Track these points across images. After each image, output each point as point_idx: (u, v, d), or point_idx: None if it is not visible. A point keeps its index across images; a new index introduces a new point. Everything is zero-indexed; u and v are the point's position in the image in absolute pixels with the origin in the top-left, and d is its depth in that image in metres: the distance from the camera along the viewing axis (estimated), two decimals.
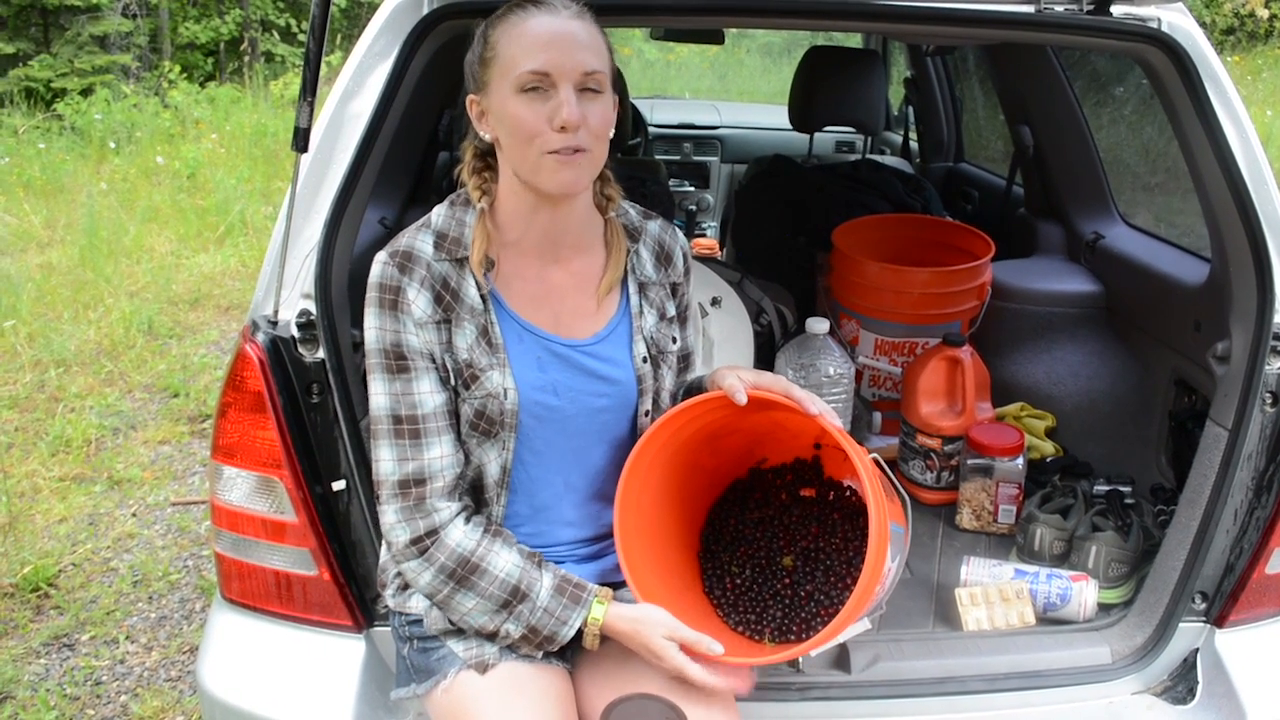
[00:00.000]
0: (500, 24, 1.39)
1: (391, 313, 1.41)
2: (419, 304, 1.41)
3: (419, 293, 1.41)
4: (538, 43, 1.35)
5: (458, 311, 1.43)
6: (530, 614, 1.41)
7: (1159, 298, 2.33)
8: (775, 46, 11.95)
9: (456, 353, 1.43)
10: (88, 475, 3.76)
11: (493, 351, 1.44)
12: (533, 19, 1.36)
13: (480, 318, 1.44)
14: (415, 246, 1.43)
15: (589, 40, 1.38)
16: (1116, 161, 2.93)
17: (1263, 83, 10.44)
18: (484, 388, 1.43)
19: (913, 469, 2.40)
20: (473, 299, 1.44)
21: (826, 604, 1.59)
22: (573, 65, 1.35)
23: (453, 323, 1.43)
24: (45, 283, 5.61)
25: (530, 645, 1.44)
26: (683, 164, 4.71)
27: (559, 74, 1.34)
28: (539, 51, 1.34)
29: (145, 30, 11.52)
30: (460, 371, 1.44)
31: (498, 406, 1.44)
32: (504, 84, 1.37)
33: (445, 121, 3.08)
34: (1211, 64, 1.74)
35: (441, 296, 1.43)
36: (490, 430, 1.45)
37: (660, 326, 1.57)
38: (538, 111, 1.35)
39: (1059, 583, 1.88)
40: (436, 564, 1.42)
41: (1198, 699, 1.73)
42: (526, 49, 1.35)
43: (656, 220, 1.62)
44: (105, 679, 2.71)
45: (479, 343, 1.44)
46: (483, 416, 1.44)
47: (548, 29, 1.35)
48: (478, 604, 1.42)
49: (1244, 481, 1.73)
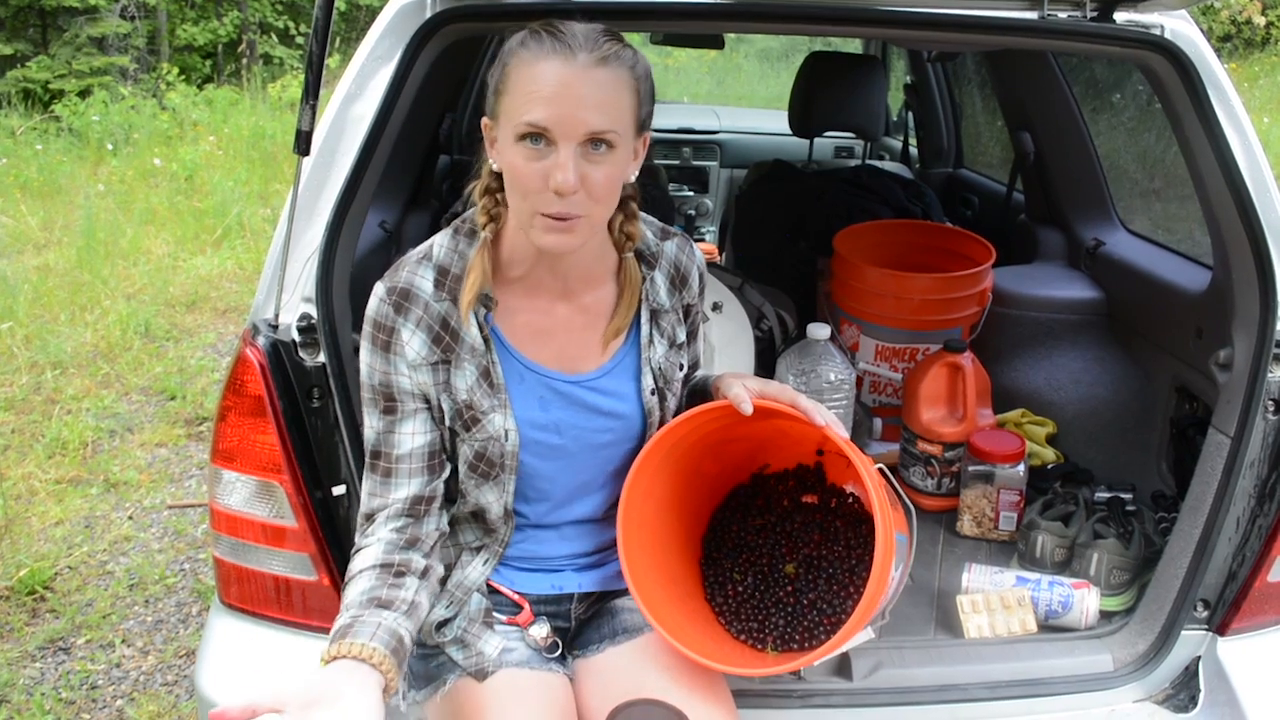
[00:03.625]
0: (515, 54, 1.27)
1: (384, 353, 1.37)
2: (413, 346, 1.37)
3: (414, 334, 1.36)
4: (541, 93, 1.22)
5: (457, 352, 1.38)
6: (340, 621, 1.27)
7: (1160, 304, 2.33)
8: (773, 51, 11.97)
9: (455, 394, 1.39)
10: (84, 478, 3.75)
11: (494, 393, 1.40)
12: (544, 62, 1.24)
13: (482, 359, 1.39)
14: (415, 284, 1.37)
15: (602, 95, 1.24)
16: (1116, 168, 2.93)
17: (1260, 89, 10.47)
18: (485, 430, 1.40)
19: (913, 475, 2.39)
20: (474, 339, 1.38)
21: (829, 612, 1.58)
22: (575, 125, 1.22)
23: (452, 364, 1.38)
24: (42, 284, 5.59)
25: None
26: (682, 169, 4.71)
27: (559, 132, 1.22)
28: (541, 104, 1.22)
29: (143, 32, 11.51)
30: (460, 413, 1.40)
31: (498, 449, 1.41)
32: (509, 125, 1.26)
33: (446, 125, 3.08)
34: (1215, 71, 1.74)
35: (440, 337, 1.37)
36: (490, 472, 1.43)
37: (669, 355, 1.51)
38: (534, 168, 1.24)
39: (1060, 590, 1.87)
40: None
41: (1200, 707, 1.73)
42: (530, 97, 1.23)
43: (674, 239, 1.52)
44: (101, 683, 2.69)
45: (480, 384, 1.39)
46: (483, 459, 1.41)
47: (555, 79, 1.23)
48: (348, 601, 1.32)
49: (1246, 489, 1.73)
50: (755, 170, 3.51)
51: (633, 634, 1.53)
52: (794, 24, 1.79)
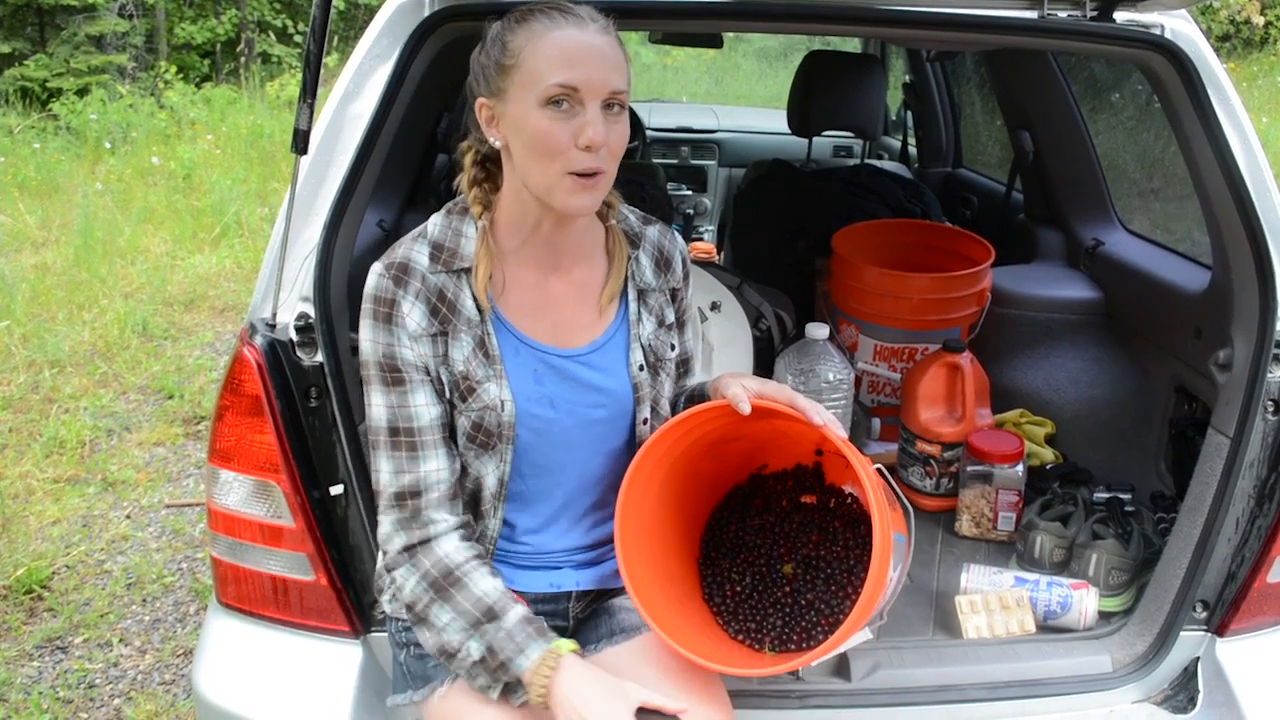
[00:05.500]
0: (522, 29, 1.34)
1: (386, 326, 1.40)
2: (413, 317, 1.40)
3: (414, 305, 1.40)
4: (567, 56, 1.31)
5: (454, 324, 1.42)
6: (494, 634, 1.36)
7: (1159, 304, 2.33)
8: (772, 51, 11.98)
9: (453, 365, 1.42)
10: (82, 477, 3.75)
11: (490, 364, 1.43)
12: (560, 30, 1.32)
13: (477, 329, 1.43)
14: (411, 258, 1.41)
15: (616, 59, 1.34)
16: (1115, 167, 2.92)
17: (1258, 89, 10.48)
18: (481, 400, 1.42)
19: (912, 475, 2.39)
20: (469, 310, 1.42)
21: (827, 613, 1.58)
22: (601, 82, 1.31)
23: (449, 335, 1.42)
24: (40, 283, 5.59)
25: (485, 671, 1.38)
26: (680, 168, 4.70)
27: (588, 90, 1.31)
28: (568, 66, 1.30)
29: (141, 30, 11.50)
30: (457, 384, 1.42)
31: (495, 419, 1.42)
32: (527, 94, 1.32)
33: (444, 124, 3.07)
34: (1215, 71, 1.74)
35: (438, 309, 1.41)
36: (488, 443, 1.44)
37: (659, 334, 1.55)
38: (562, 128, 1.31)
39: (1059, 590, 1.87)
40: (421, 570, 1.40)
41: (1198, 708, 1.73)
42: (555, 61, 1.31)
43: (655, 225, 1.60)
44: (99, 682, 2.69)
45: (476, 354, 1.42)
46: (480, 429, 1.43)
47: (577, 42, 1.32)
48: (453, 619, 1.38)
49: (1245, 490, 1.72)
50: (754, 170, 3.50)
51: (630, 633, 1.53)
52: (793, 23, 1.79)
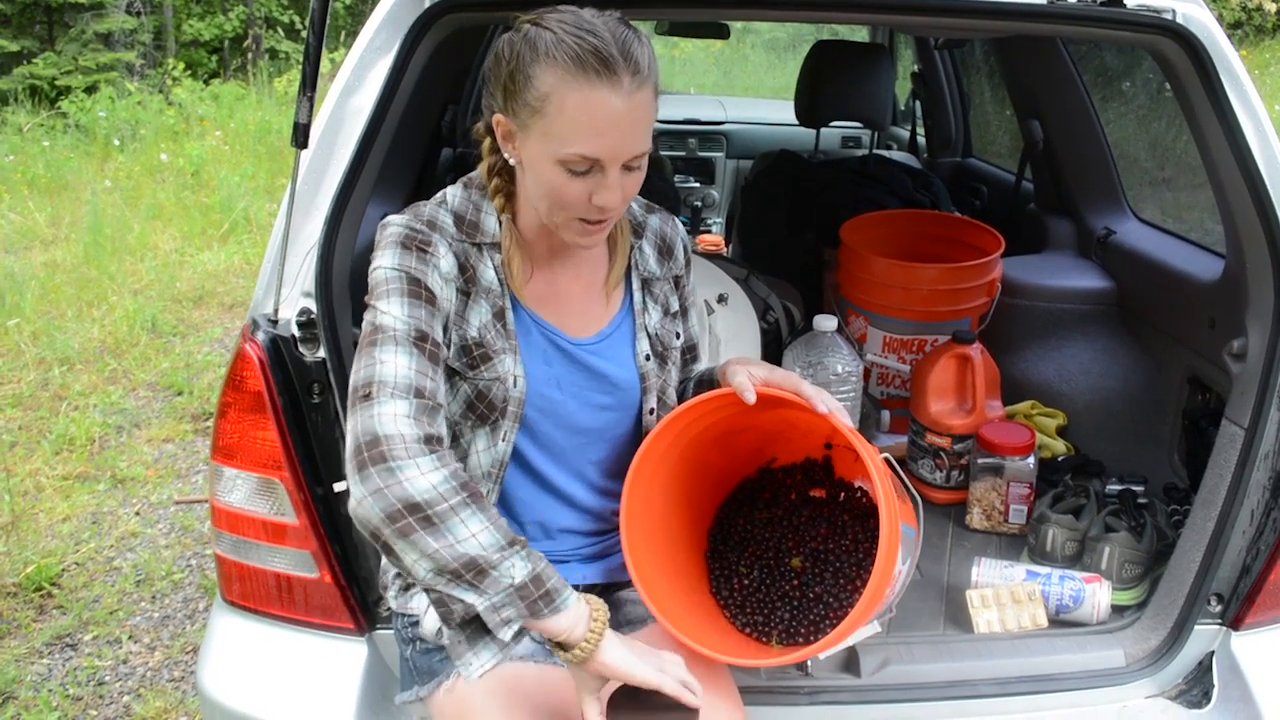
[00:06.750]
0: (550, 69, 1.25)
1: (421, 253, 1.34)
2: (447, 260, 1.37)
3: (447, 252, 1.38)
4: (595, 128, 1.25)
5: (477, 286, 1.41)
6: (538, 561, 1.22)
7: (1172, 294, 2.31)
8: (780, 41, 11.95)
9: (467, 327, 1.39)
10: (91, 474, 3.75)
11: (508, 337, 1.42)
12: (595, 93, 1.24)
13: (498, 300, 1.42)
14: (439, 218, 1.40)
15: (645, 119, 1.29)
16: (1126, 155, 2.90)
17: (1270, 77, 10.38)
18: (494, 370, 1.40)
19: (922, 468, 2.37)
20: (490, 280, 1.42)
21: (835, 606, 1.57)
22: (624, 152, 1.28)
23: (470, 295, 1.40)
24: (49, 280, 5.60)
25: (519, 601, 1.20)
26: (688, 160, 4.68)
27: (611, 159, 1.28)
28: (595, 136, 1.25)
29: (149, 27, 11.53)
30: (469, 349, 1.39)
31: (502, 392, 1.41)
32: (546, 146, 1.28)
33: (449, 117, 3.06)
34: (1228, 56, 1.71)
35: (465, 267, 1.40)
36: (487, 415, 1.41)
37: (665, 322, 1.56)
38: (579, 186, 1.29)
39: (1071, 584, 1.85)
40: (450, 466, 1.22)
41: (1213, 703, 1.71)
42: (581, 130, 1.25)
43: (657, 214, 1.60)
44: (108, 679, 2.69)
45: (494, 324, 1.41)
46: (484, 399, 1.41)
47: (609, 113, 1.25)
48: (486, 529, 1.20)
49: (1260, 481, 1.70)
50: (761, 161, 3.48)
51: (637, 625, 1.52)
52: (800, 10, 1.77)
